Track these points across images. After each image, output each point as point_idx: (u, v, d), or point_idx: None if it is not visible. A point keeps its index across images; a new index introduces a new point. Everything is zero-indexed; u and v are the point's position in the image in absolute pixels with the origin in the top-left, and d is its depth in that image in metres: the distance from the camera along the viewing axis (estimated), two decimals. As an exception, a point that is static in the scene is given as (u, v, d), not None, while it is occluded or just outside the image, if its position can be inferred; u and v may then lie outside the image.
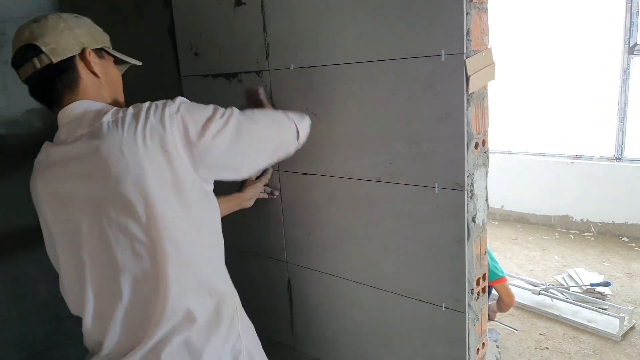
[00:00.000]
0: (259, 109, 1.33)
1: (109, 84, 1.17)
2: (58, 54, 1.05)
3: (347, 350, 1.56)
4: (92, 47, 1.11)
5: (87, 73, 1.10)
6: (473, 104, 1.19)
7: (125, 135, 0.99)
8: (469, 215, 1.22)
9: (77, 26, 1.09)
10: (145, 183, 0.98)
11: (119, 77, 1.23)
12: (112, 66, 1.20)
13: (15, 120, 2.30)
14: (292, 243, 1.64)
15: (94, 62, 1.11)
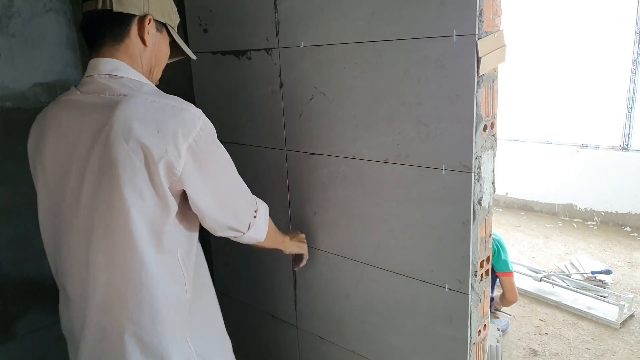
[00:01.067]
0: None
1: (153, 57, 1.15)
2: (121, 5, 1.05)
3: (350, 329, 1.58)
4: (155, 16, 1.11)
5: (136, 36, 1.10)
6: (483, 85, 1.18)
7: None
8: (475, 197, 1.23)
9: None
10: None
11: (165, 57, 1.21)
12: (165, 44, 1.19)
13: (22, 94, 2.30)
14: (298, 222, 1.65)
15: (148, 31, 1.10)
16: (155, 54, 1.16)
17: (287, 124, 1.59)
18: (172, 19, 1.19)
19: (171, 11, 1.18)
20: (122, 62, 1.09)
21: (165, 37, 1.18)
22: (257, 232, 1.26)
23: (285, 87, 1.56)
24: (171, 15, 1.18)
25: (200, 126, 1.02)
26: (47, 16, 2.35)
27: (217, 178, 1.12)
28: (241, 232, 1.22)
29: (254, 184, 1.77)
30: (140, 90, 1.04)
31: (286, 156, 1.63)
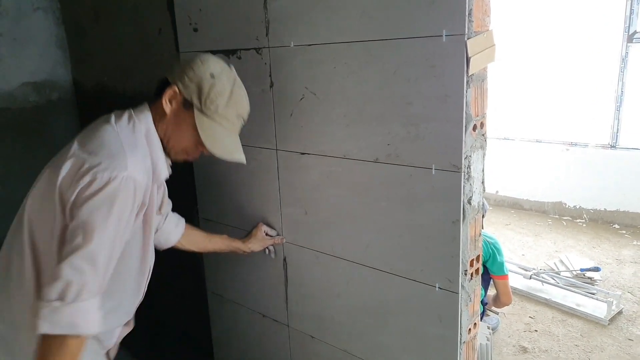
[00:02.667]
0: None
1: (169, 128, 1.25)
2: (168, 71, 1.25)
3: (342, 328, 1.59)
4: (184, 92, 1.22)
5: (165, 99, 1.23)
6: (473, 85, 1.19)
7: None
8: (464, 197, 1.23)
9: (203, 76, 1.21)
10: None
11: (185, 137, 1.26)
12: (188, 125, 1.24)
13: (11, 93, 2.28)
14: (289, 222, 1.65)
15: (170, 100, 1.23)
16: (172, 127, 1.25)
17: (277, 123, 1.59)
18: (209, 107, 1.22)
19: (213, 100, 1.22)
20: (149, 112, 1.25)
21: (190, 117, 1.23)
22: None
23: (276, 87, 1.56)
24: (211, 105, 1.22)
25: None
26: (35, 15, 2.33)
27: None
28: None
29: (245, 184, 1.77)
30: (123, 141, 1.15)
31: (277, 156, 1.63)
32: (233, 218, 1.83)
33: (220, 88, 1.23)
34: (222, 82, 1.23)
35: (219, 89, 1.22)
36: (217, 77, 1.22)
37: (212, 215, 1.95)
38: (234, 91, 1.26)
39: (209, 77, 1.21)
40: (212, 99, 1.22)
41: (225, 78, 1.24)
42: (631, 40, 4.34)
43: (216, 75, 1.22)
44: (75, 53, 2.43)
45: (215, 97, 1.22)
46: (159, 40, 1.96)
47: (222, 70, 1.25)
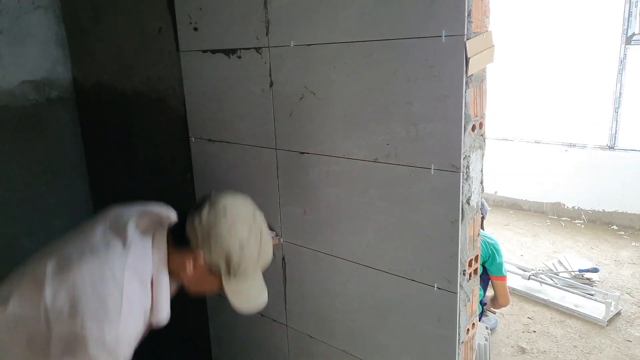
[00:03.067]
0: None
1: (190, 280, 1.22)
2: (191, 232, 1.16)
3: (340, 328, 1.59)
4: (210, 260, 1.16)
5: (183, 258, 1.18)
6: (472, 86, 1.19)
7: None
8: (463, 197, 1.24)
9: (231, 247, 1.15)
10: None
11: (207, 290, 1.26)
12: (212, 284, 1.21)
13: (10, 91, 2.28)
14: (288, 221, 1.66)
15: (193, 265, 1.18)
16: (193, 279, 1.21)
17: (277, 123, 1.59)
18: (237, 272, 1.18)
19: (240, 263, 1.17)
20: (165, 247, 1.20)
21: (215, 277, 1.19)
22: None
23: (276, 86, 1.56)
24: (236, 266, 1.17)
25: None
26: (35, 13, 2.33)
27: None
28: None
29: (244, 183, 1.77)
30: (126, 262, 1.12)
31: (276, 155, 1.63)
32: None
33: (249, 254, 1.18)
34: (251, 248, 1.18)
35: (247, 255, 1.17)
36: (245, 245, 1.17)
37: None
38: (262, 249, 1.21)
39: (238, 248, 1.16)
40: (242, 267, 1.18)
41: (254, 240, 1.18)
42: (629, 42, 4.35)
43: (245, 244, 1.16)
44: (75, 51, 2.43)
45: (245, 265, 1.18)
46: (159, 39, 1.96)
47: (250, 232, 1.18)
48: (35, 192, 2.42)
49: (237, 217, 1.17)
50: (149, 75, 2.07)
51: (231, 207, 1.18)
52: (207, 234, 1.15)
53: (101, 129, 2.45)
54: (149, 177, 2.26)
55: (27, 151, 2.38)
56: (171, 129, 2.03)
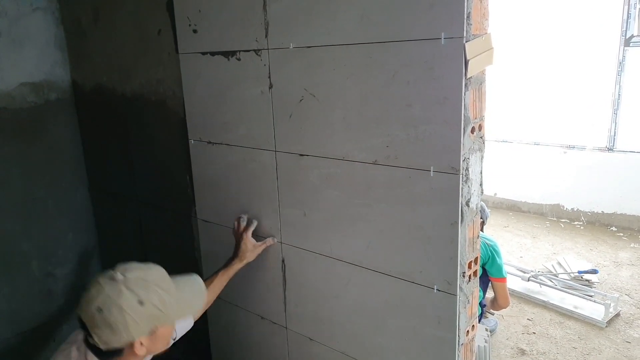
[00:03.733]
0: None
1: (152, 349, 1.20)
2: (107, 345, 1.12)
3: (340, 330, 1.59)
4: (143, 335, 1.14)
5: (131, 354, 1.15)
6: (471, 88, 1.20)
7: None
8: (463, 199, 1.24)
9: (135, 321, 1.11)
10: None
11: (168, 333, 1.23)
12: (164, 329, 1.20)
13: (9, 94, 2.28)
14: (288, 224, 1.65)
15: (141, 346, 1.15)
16: (153, 348, 1.19)
17: (276, 125, 1.59)
18: (165, 316, 1.16)
19: (164, 306, 1.15)
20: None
21: (165, 330, 1.19)
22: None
23: (275, 88, 1.56)
24: (164, 313, 1.16)
25: None
26: (34, 15, 2.33)
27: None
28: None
29: (243, 185, 1.77)
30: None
31: (276, 157, 1.63)
32: (231, 220, 1.83)
33: (152, 302, 1.14)
34: (142, 305, 1.12)
35: (154, 302, 1.14)
36: (136, 308, 1.11)
37: (209, 216, 1.95)
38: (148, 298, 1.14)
39: (140, 313, 1.12)
40: (161, 307, 1.15)
41: (133, 302, 1.11)
42: (628, 44, 4.36)
43: (133, 309, 1.11)
44: (75, 54, 2.43)
45: (160, 308, 1.15)
46: (158, 41, 1.96)
47: (123, 304, 1.10)
48: (34, 195, 2.42)
49: (112, 311, 1.11)
50: (148, 78, 2.07)
51: (104, 302, 1.11)
52: (114, 340, 1.11)
53: (100, 131, 2.45)
54: (148, 179, 2.26)
55: (26, 154, 2.37)
56: (170, 131, 2.03)
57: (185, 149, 1.96)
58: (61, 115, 2.48)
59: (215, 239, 1.95)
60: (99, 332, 1.10)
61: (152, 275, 1.17)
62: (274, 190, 1.67)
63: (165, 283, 1.19)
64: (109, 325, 1.09)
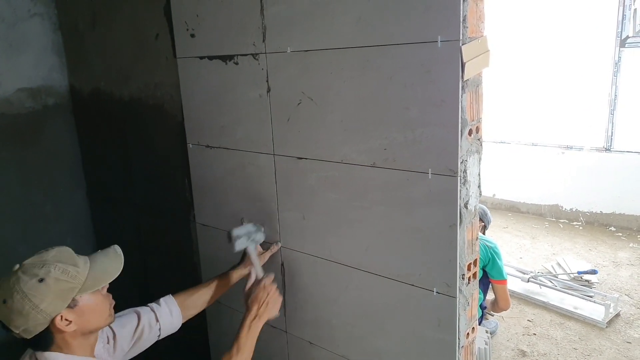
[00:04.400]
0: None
1: (85, 323, 1.19)
2: (30, 332, 1.12)
3: (340, 333, 1.59)
4: (60, 310, 1.13)
5: (60, 333, 1.15)
6: (468, 90, 1.20)
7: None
8: (461, 201, 1.24)
9: (42, 299, 1.10)
10: None
11: (96, 304, 1.21)
12: (87, 300, 1.18)
13: (6, 99, 2.28)
14: (286, 227, 1.65)
15: (65, 321, 1.15)
16: (85, 320, 1.18)
17: (275, 128, 1.60)
18: (74, 287, 1.14)
19: (69, 280, 1.14)
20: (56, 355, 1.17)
21: (82, 299, 1.17)
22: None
23: (273, 92, 1.56)
24: (71, 285, 1.14)
25: None
26: (31, 21, 2.33)
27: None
28: None
29: (242, 188, 1.77)
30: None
31: (274, 161, 1.63)
32: (229, 223, 1.82)
33: (51, 279, 1.12)
34: (42, 284, 1.11)
35: (52, 279, 1.12)
36: (36, 288, 1.11)
37: (208, 220, 1.95)
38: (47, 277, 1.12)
39: (44, 292, 1.11)
40: (68, 279, 1.14)
41: (33, 284, 1.11)
42: (623, 45, 4.38)
43: (34, 291, 1.10)
44: (72, 59, 2.43)
45: (63, 282, 1.13)
46: (156, 45, 1.96)
47: (24, 289, 1.10)
48: (32, 200, 2.41)
49: (14, 298, 1.11)
50: (146, 82, 2.07)
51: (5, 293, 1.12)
52: (31, 323, 1.11)
53: (98, 136, 2.45)
54: (146, 183, 2.26)
55: (24, 158, 2.37)
56: (169, 135, 2.03)
57: (183, 153, 1.96)
58: (59, 120, 2.48)
59: (214, 243, 1.95)
60: (14, 323, 1.11)
61: (49, 255, 1.17)
62: (272, 194, 1.67)
63: (67, 257, 1.18)
64: (19, 312, 1.09)
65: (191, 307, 1.57)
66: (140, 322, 1.45)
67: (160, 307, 1.51)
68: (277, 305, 1.51)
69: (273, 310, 1.49)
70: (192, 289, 1.59)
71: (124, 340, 1.41)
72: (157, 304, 1.52)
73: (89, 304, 1.18)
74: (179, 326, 1.55)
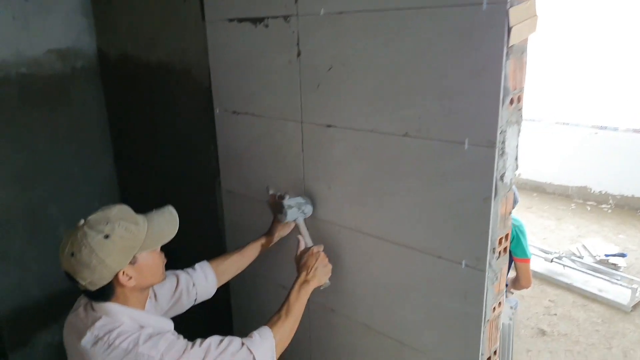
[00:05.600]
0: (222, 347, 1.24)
1: (142, 280, 1.25)
2: (95, 285, 1.18)
3: (362, 302, 1.58)
4: (123, 266, 1.19)
5: (120, 286, 1.21)
6: (512, 57, 1.14)
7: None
8: (497, 173, 1.20)
9: (107, 254, 1.16)
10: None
11: (153, 262, 1.27)
12: (145, 258, 1.24)
13: (36, 60, 2.29)
14: (311, 196, 1.64)
15: (126, 277, 1.20)
16: (142, 277, 1.24)
17: (303, 95, 1.56)
18: (135, 245, 1.20)
19: (132, 238, 1.19)
20: (115, 306, 1.23)
21: (142, 257, 1.22)
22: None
23: (303, 57, 1.52)
24: (134, 242, 1.19)
25: None
26: (61, -20, 2.32)
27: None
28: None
29: (268, 156, 1.75)
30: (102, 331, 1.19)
31: (302, 128, 1.60)
32: (255, 190, 1.82)
33: (117, 236, 1.17)
34: (108, 240, 1.16)
35: (118, 236, 1.17)
36: (102, 244, 1.16)
37: (234, 187, 1.95)
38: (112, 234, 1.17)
39: (109, 248, 1.16)
40: (131, 238, 1.19)
41: (99, 240, 1.16)
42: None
43: (100, 246, 1.16)
44: (100, 22, 2.42)
45: (128, 239, 1.19)
46: (184, 8, 1.93)
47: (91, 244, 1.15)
48: (62, 161, 2.45)
49: (82, 252, 1.16)
50: (174, 46, 2.05)
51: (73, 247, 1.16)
52: (96, 276, 1.17)
53: (125, 101, 2.45)
54: (172, 148, 2.26)
55: (54, 121, 2.39)
56: (196, 102, 2.02)
57: (210, 119, 1.94)
58: (87, 84, 2.48)
59: (239, 210, 1.95)
60: (81, 275, 1.16)
61: (112, 212, 1.21)
62: (298, 162, 1.65)
63: (129, 215, 1.23)
64: (86, 265, 1.15)
65: (225, 272, 1.60)
66: (179, 284, 1.49)
67: (196, 272, 1.53)
68: (327, 271, 1.52)
69: (323, 276, 1.50)
70: (225, 255, 1.62)
71: (164, 299, 1.45)
72: (192, 268, 1.54)
73: (147, 261, 1.24)
74: (213, 292, 1.57)
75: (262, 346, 1.28)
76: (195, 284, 1.51)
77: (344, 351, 1.70)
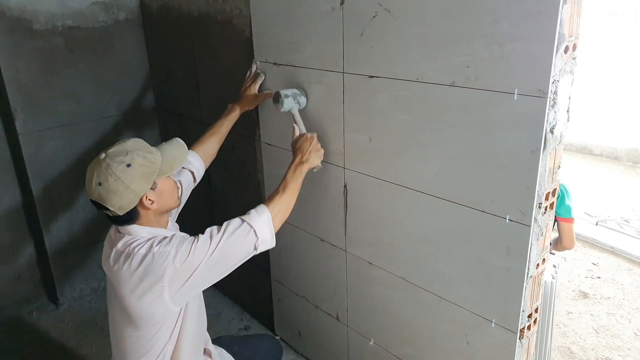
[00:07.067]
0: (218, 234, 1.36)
1: (162, 203, 1.39)
2: (123, 209, 1.32)
3: (400, 255, 1.59)
4: (146, 190, 1.32)
5: (144, 209, 1.36)
6: (569, 1, 1.06)
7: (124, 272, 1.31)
8: (547, 125, 1.14)
9: (132, 180, 1.29)
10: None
11: (170, 187, 1.42)
12: (164, 183, 1.38)
13: (82, 12, 2.32)
14: (351, 148, 1.63)
15: (149, 201, 1.34)
16: (162, 200, 1.38)
17: (346, 44, 1.52)
18: (154, 170, 1.33)
19: (150, 165, 1.32)
20: (139, 227, 1.37)
21: (160, 182, 1.36)
22: (265, 235, 1.43)
23: (347, 4, 1.47)
24: (153, 169, 1.33)
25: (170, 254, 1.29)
26: None
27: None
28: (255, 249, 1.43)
29: (307, 108, 1.74)
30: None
31: (343, 79, 1.57)
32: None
33: (136, 164, 1.30)
34: (130, 168, 1.29)
35: (137, 163, 1.30)
36: (125, 172, 1.28)
37: (272, 139, 1.95)
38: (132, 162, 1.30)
39: (132, 174, 1.29)
40: (149, 165, 1.32)
41: (122, 168, 1.28)
42: None
43: (124, 173, 1.28)
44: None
45: (147, 165, 1.32)
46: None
47: (116, 172, 1.27)
48: (106, 113, 2.52)
49: (109, 180, 1.28)
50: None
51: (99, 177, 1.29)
52: (125, 201, 1.30)
53: (166, 52, 2.46)
54: (213, 100, 2.28)
55: (98, 72, 2.45)
56: (236, 52, 2.00)
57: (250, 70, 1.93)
58: (129, 35, 2.51)
59: (278, 162, 1.96)
60: (110, 202, 1.29)
61: (129, 144, 1.34)
62: (339, 114, 1.63)
63: (143, 146, 1.36)
64: (114, 192, 1.28)
65: (207, 154, 1.79)
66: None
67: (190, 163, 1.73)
68: (320, 155, 1.65)
69: (316, 159, 1.63)
70: (201, 140, 1.80)
71: (187, 189, 1.70)
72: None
73: (165, 186, 1.39)
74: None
75: (259, 219, 1.41)
76: (192, 172, 1.73)
77: (380, 304, 1.73)
